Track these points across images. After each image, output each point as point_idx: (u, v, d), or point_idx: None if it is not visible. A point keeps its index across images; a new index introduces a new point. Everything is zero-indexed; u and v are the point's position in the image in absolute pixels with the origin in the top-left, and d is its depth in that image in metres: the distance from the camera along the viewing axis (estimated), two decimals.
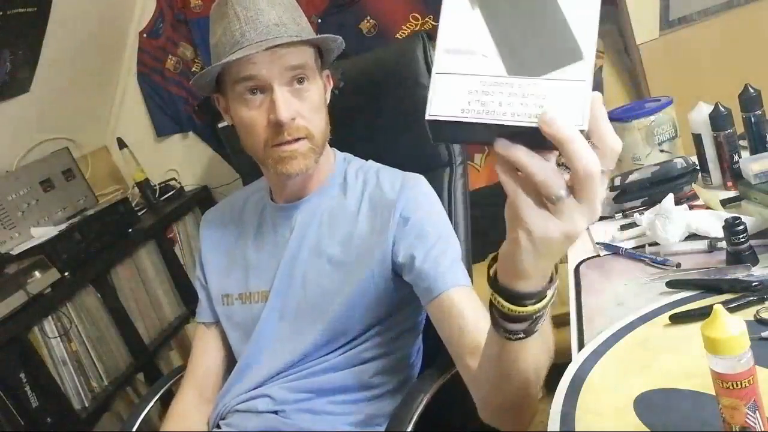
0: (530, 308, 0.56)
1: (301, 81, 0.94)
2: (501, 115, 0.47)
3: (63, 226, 2.03)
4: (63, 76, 2.27)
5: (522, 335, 0.59)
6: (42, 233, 1.98)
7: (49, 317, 1.84)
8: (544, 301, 0.56)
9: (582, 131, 0.46)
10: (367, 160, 1.12)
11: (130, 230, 2.25)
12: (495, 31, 0.48)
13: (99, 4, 2.33)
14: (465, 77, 0.48)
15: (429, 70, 1.23)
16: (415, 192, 1.01)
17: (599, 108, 0.46)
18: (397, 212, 0.97)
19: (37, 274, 1.80)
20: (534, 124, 0.46)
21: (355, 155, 1.14)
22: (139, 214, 2.45)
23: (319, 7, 2.38)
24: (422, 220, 0.97)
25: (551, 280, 0.56)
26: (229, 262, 1.10)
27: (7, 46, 1.94)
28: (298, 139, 0.94)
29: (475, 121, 0.47)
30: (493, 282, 0.58)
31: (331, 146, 1.08)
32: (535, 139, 0.46)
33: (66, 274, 1.88)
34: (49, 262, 1.84)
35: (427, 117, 0.49)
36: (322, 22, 2.35)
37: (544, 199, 0.48)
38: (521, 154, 0.46)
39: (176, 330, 2.38)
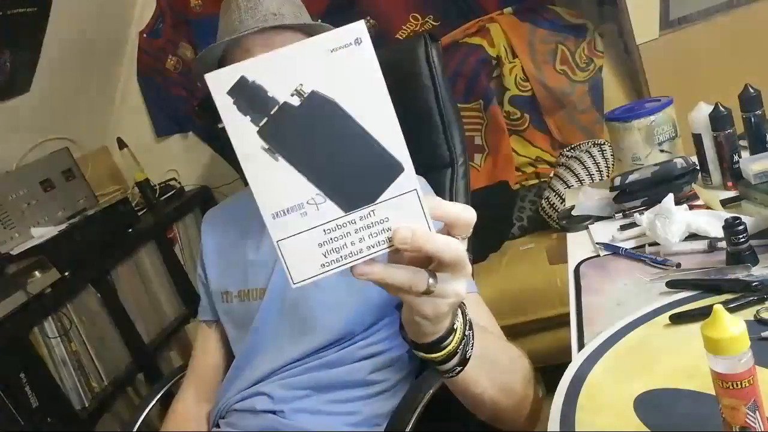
0: (449, 347, 0.59)
1: None
2: (358, 253, 0.48)
3: (63, 226, 2.03)
4: (63, 76, 2.27)
5: (459, 368, 0.62)
6: (42, 233, 1.98)
7: (49, 317, 1.84)
8: (458, 334, 0.59)
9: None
10: None
11: (130, 230, 2.25)
12: (311, 175, 0.46)
13: (99, 4, 2.33)
14: (307, 233, 0.47)
15: (431, 71, 1.23)
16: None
17: (432, 200, 0.49)
18: None
19: (37, 274, 1.80)
20: (390, 248, 0.48)
21: None
22: (139, 214, 2.45)
23: (319, 7, 2.38)
24: None
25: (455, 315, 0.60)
26: (230, 260, 1.10)
27: (7, 46, 1.94)
28: None
29: (339, 269, 0.48)
30: (412, 344, 0.60)
31: None
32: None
33: (66, 274, 1.88)
34: (49, 262, 1.84)
35: (293, 286, 0.48)
36: (321, 22, 2.35)
37: None
38: (378, 273, 0.49)
39: (176, 330, 2.38)
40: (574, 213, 1.24)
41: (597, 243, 1.09)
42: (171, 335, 2.35)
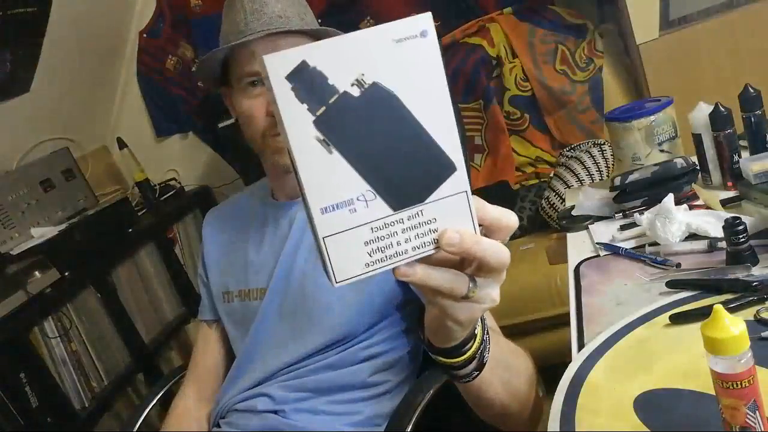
0: (469, 352, 0.59)
1: None
2: (404, 254, 0.46)
3: (63, 226, 2.03)
4: (63, 76, 2.27)
5: (476, 373, 0.62)
6: (42, 233, 1.98)
7: (49, 317, 1.84)
8: (478, 338, 0.59)
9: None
10: None
11: (130, 230, 2.25)
12: (363, 170, 0.44)
13: (99, 4, 2.33)
14: (354, 230, 0.45)
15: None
16: None
17: (477, 202, 0.48)
18: None
19: (37, 274, 1.80)
20: (435, 250, 0.46)
21: None
22: (139, 214, 2.45)
23: (318, 7, 2.39)
24: None
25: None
26: (231, 260, 1.10)
27: (7, 46, 1.94)
28: None
29: (383, 269, 0.46)
30: (430, 348, 0.60)
31: None
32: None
33: (66, 274, 1.88)
34: (49, 262, 1.84)
35: (335, 285, 0.46)
36: (321, 22, 2.35)
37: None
38: (420, 275, 0.47)
39: (176, 330, 2.38)
40: (574, 213, 1.24)
41: (597, 243, 1.09)
42: (171, 335, 2.35)
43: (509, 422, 0.74)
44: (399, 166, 0.45)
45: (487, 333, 0.62)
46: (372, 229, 0.45)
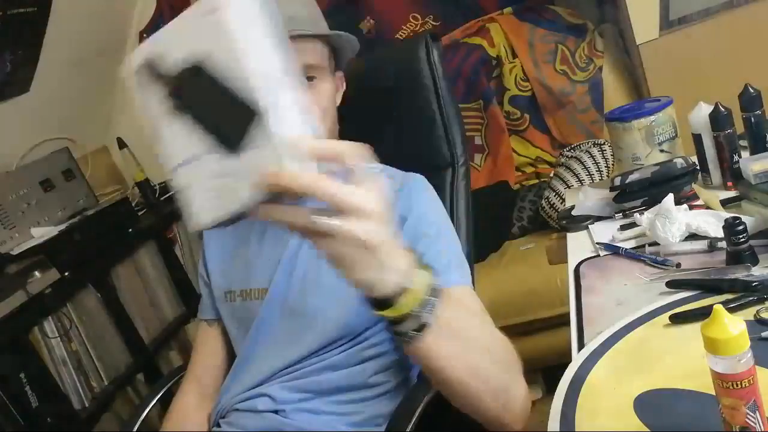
0: (402, 308, 0.60)
1: (310, 79, 0.95)
2: (246, 199, 0.52)
3: (63, 226, 2.02)
4: (63, 76, 2.27)
5: (415, 333, 0.62)
6: (42, 233, 1.98)
7: (49, 317, 1.84)
8: (412, 295, 0.60)
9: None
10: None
11: (130, 230, 2.24)
12: (200, 130, 0.53)
13: (99, 4, 2.33)
14: (203, 182, 0.54)
15: (432, 72, 1.22)
16: (414, 191, 1.01)
17: (305, 141, 0.52)
18: (395, 211, 0.97)
19: (37, 274, 1.80)
20: (268, 190, 0.51)
21: None
22: (139, 214, 2.45)
23: (320, 6, 2.38)
24: (420, 219, 0.97)
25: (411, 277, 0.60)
26: (233, 259, 1.10)
27: (7, 46, 1.94)
28: None
29: (232, 215, 0.54)
30: (366, 299, 0.62)
31: None
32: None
33: (66, 274, 1.88)
34: (49, 262, 1.84)
35: (191, 230, 0.55)
36: None
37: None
38: (263, 213, 0.53)
39: (176, 330, 2.38)
40: (574, 213, 1.24)
41: (597, 243, 1.09)
42: (171, 335, 2.35)
43: (479, 409, 0.72)
44: (225, 121, 0.52)
45: (437, 296, 0.62)
46: (216, 177, 0.53)
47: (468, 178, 1.25)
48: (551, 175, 2.16)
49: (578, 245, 1.13)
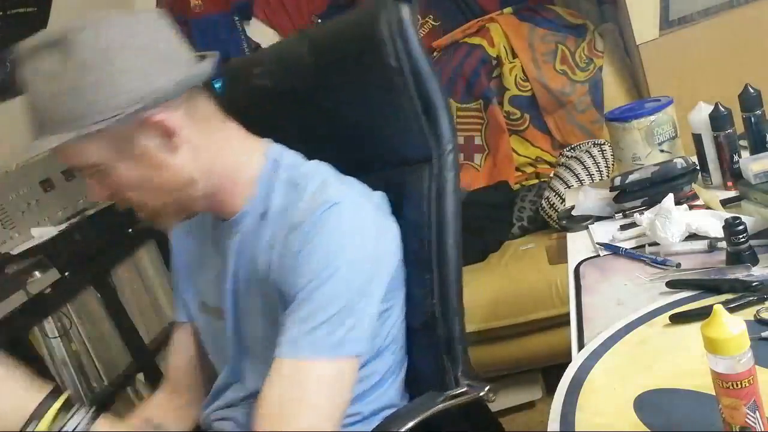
0: None
1: (93, 174, 0.88)
2: None
3: (63, 226, 2.02)
4: None
5: None
6: (42, 233, 1.98)
7: (49, 317, 1.83)
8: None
9: None
10: (330, 161, 0.95)
11: (130, 230, 2.24)
12: None
13: (99, 4, 2.33)
14: None
15: (395, 44, 0.92)
16: (321, 225, 0.83)
17: None
18: (295, 241, 0.84)
19: (37, 274, 1.80)
20: None
21: (315, 156, 0.95)
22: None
23: (319, 7, 2.39)
24: (302, 266, 0.83)
25: None
26: (198, 271, 1.10)
27: (7, 46, 1.94)
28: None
29: None
30: None
31: (300, 142, 0.96)
32: None
33: (66, 274, 1.88)
34: (49, 262, 1.84)
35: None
36: (322, 22, 2.36)
37: None
38: None
39: None
40: (574, 213, 1.24)
41: (597, 243, 1.09)
42: (171, 335, 2.34)
43: None
44: None
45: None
46: None
47: (457, 169, 0.99)
48: (551, 175, 2.16)
49: (578, 245, 1.13)
